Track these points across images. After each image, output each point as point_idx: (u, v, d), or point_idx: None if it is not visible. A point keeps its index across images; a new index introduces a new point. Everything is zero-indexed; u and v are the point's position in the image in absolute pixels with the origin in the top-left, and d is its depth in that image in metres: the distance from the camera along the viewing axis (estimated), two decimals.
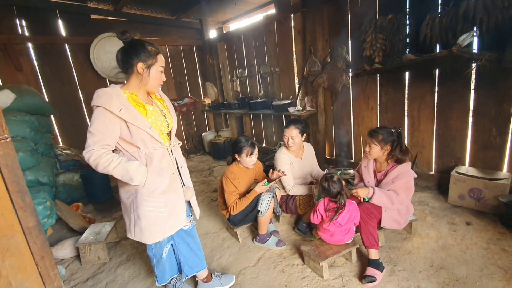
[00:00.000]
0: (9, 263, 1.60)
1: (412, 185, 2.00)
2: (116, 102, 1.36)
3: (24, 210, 1.61)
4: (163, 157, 1.53)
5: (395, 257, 2.05)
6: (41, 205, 2.46)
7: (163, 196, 1.53)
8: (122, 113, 1.36)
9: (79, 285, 2.11)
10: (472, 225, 2.34)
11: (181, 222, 1.64)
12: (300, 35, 3.75)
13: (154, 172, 1.49)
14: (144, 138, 1.44)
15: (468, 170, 2.67)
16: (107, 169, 1.39)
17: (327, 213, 1.98)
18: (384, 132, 1.98)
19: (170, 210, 1.56)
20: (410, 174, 1.99)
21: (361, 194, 1.99)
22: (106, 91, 1.39)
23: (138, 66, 1.41)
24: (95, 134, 1.36)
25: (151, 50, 1.43)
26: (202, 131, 5.79)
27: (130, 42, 1.44)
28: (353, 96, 3.50)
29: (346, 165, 3.64)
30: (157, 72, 1.47)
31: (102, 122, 1.36)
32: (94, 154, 1.37)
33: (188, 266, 1.80)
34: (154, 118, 1.50)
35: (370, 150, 2.03)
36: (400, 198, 1.96)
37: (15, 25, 3.81)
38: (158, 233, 1.55)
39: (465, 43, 2.30)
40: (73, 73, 4.32)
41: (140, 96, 1.49)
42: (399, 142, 1.97)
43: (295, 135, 2.39)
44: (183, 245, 1.77)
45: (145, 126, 1.42)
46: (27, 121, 2.92)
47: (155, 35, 5.05)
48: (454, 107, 2.77)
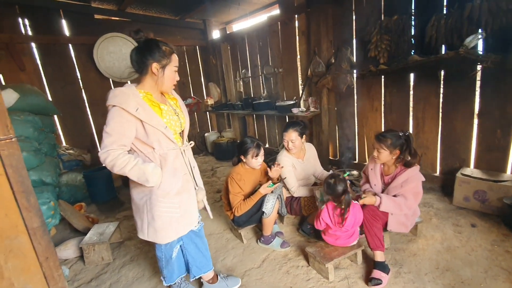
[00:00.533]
0: (12, 265, 1.59)
1: (421, 189, 1.98)
2: (132, 101, 1.35)
3: (29, 210, 1.60)
4: (176, 158, 1.52)
5: (400, 259, 2.04)
6: (45, 205, 2.46)
7: (177, 197, 1.53)
8: (139, 113, 1.35)
9: (83, 286, 2.10)
10: (477, 227, 2.33)
11: (194, 222, 1.65)
12: (304, 36, 3.75)
13: (168, 173, 1.48)
14: (160, 138, 1.44)
15: (473, 172, 2.66)
16: (123, 170, 1.38)
17: (332, 220, 1.96)
18: (392, 136, 1.95)
19: (183, 211, 1.56)
20: (419, 178, 1.97)
21: (368, 202, 1.97)
22: (123, 91, 1.37)
23: (153, 67, 1.41)
24: (111, 134, 1.35)
25: (165, 50, 1.42)
26: (205, 132, 5.79)
27: (145, 41, 1.43)
28: (358, 97, 3.50)
29: (349, 166, 3.63)
30: (172, 72, 1.47)
31: (118, 122, 1.35)
32: (111, 154, 1.36)
33: (196, 266, 1.80)
34: (169, 118, 1.50)
35: (379, 155, 1.99)
36: (408, 203, 1.94)
37: (17, 24, 3.80)
38: (172, 232, 1.56)
39: (471, 44, 2.30)
40: (76, 73, 4.32)
41: (155, 95, 1.48)
42: (408, 146, 1.94)
43: (294, 138, 2.38)
44: (191, 246, 1.77)
45: (161, 126, 1.42)
46: (31, 121, 2.92)
47: (159, 35, 5.00)
48: (459, 108, 2.76)
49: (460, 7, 2.39)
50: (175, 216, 1.54)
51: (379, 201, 1.94)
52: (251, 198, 2.21)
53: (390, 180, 2.06)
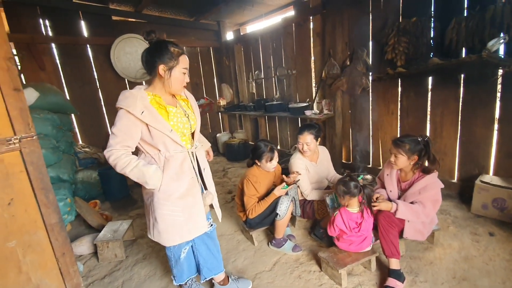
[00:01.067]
0: (30, 259, 1.63)
1: (440, 197, 1.91)
2: (139, 105, 1.37)
3: (47, 207, 1.64)
4: (184, 160, 1.51)
5: (416, 268, 1.98)
6: (61, 202, 2.52)
7: (180, 201, 1.52)
8: (144, 116, 1.37)
9: (97, 282, 2.14)
10: (495, 236, 2.25)
11: (201, 228, 1.61)
12: (319, 38, 3.71)
13: (171, 176, 1.48)
14: (165, 141, 1.44)
15: (492, 179, 2.57)
16: (124, 170, 1.41)
17: (347, 225, 1.92)
18: (410, 141, 1.88)
19: (188, 215, 1.55)
20: (438, 185, 1.90)
21: (383, 208, 1.91)
22: (132, 93, 1.39)
23: (160, 68, 1.40)
24: (117, 135, 1.39)
25: (173, 51, 1.41)
26: (217, 132, 5.82)
27: (155, 43, 1.44)
28: (373, 100, 3.43)
29: (363, 170, 3.57)
30: (179, 74, 1.45)
31: (125, 124, 1.38)
32: (114, 154, 1.40)
33: (207, 268, 1.79)
34: (176, 120, 1.49)
35: (396, 160, 1.93)
36: (427, 210, 1.88)
37: (38, 25, 3.93)
38: (175, 236, 1.55)
39: (494, 48, 2.23)
40: (93, 73, 4.43)
41: (164, 97, 1.48)
42: (427, 152, 1.88)
43: (310, 140, 2.36)
44: (203, 247, 1.76)
45: (166, 129, 1.42)
46: (50, 119, 3.00)
47: (174, 36, 5.11)
48: (479, 113, 2.66)
49: (482, 10, 2.32)
50: (178, 220, 1.52)
51: (395, 208, 1.89)
52: (265, 200, 2.20)
53: (407, 187, 2.00)
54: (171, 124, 1.45)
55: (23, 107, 1.52)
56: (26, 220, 1.59)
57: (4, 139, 1.46)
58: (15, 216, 1.54)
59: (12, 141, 1.48)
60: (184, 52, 1.46)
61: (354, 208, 1.92)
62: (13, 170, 1.51)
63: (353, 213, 1.92)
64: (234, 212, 3.01)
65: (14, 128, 1.49)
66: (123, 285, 2.08)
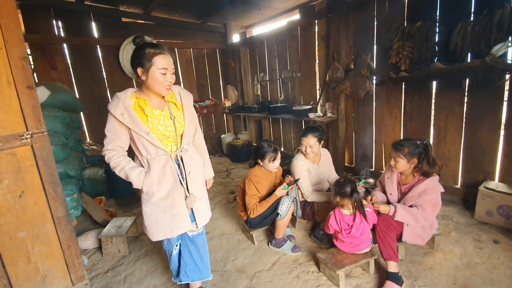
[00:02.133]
0: (38, 250, 1.70)
1: (440, 201, 1.92)
2: (120, 107, 1.43)
3: (55, 200, 1.71)
4: (166, 164, 1.52)
5: (415, 272, 1.98)
6: (68, 197, 2.60)
7: (161, 202, 1.54)
8: (124, 118, 1.43)
9: (100, 276, 2.20)
10: (500, 243, 2.22)
11: (184, 227, 1.61)
12: (324, 41, 3.74)
13: (152, 179, 1.51)
14: (145, 143, 1.47)
15: (497, 186, 2.54)
16: (115, 170, 1.52)
17: (339, 226, 1.96)
18: (409, 144, 1.90)
19: (170, 215, 1.56)
20: (438, 189, 1.90)
21: (382, 210, 1.93)
22: (117, 96, 1.46)
23: (138, 71, 1.43)
24: (107, 136, 1.50)
25: (148, 53, 1.39)
26: (221, 133, 5.87)
27: (135, 48, 1.46)
28: (376, 104, 3.44)
29: (364, 174, 3.56)
30: (157, 74, 1.41)
31: (111, 125, 1.47)
32: (108, 154, 1.51)
33: (185, 272, 1.76)
34: (157, 123, 1.48)
35: (396, 164, 1.94)
36: (426, 214, 1.88)
37: (52, 25, 4.05)
38: (159, 233, 1.59)
39: (499, 53, 2.22)
40: (102, 73, 4.53)
41: (151, 100, 1.50)
42: (427, 155, 1.89)
43: (313, 143, 2.38)
44: (185, 250, 1.75)
45: (143, 131, 1.44)
46: (60, 117, 3.09)
47: (181, 38, 5.20)
48: (485, 119, 2.65)
49: (489, 14, 2.30)
50: (161, 218, 1.56)
51: (393, 211, 1.90)
52: (266, 200, 2.23)
53: (407, 190, 2.00)
54: (149, 127, 1.46)
55: (36, 104, 1.60)
56: (35, 212, 1.66)
57: (17, 134, 1.54)
58: (25, 208, 1.61)
59: (24, 136, 1.55)
60: (161, 52, 1.41)
61: (348, 210, 1.95)
62: (25, 164, 1.58)
63: (346, 214, 1.95)
64: (236, 212, 3.04)
65: (27, 124, 1.57)
66: (126, 280, 2.13)
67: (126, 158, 1.53)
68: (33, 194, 1.63)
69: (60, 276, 1.79)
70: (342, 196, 1.92)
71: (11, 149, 1.53)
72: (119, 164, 1.50)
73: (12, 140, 1.52)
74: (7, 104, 1.50)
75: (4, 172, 1.53)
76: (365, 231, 1.93)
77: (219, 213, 3.10)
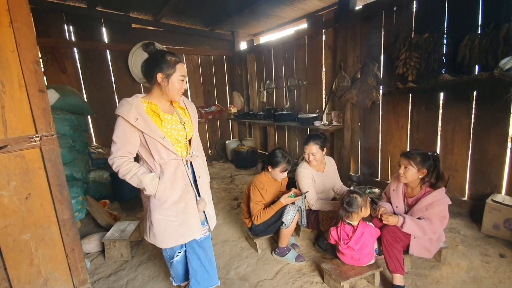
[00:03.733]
0: (41, 253, 1.70)
1: (447, 214, 1.89)
2: (134, 112, 1.43)
3: (61, 203, 1.72)
4: (178, 168, 1.54)
5: (421, 286, 1.94)
6: (74, 199, 2.61)
7: (174, 207, 1.55)
8: (138, 123, 1.43)
9: (102, 280, 2.19)
10: (506, 257, 2.18)
11: (194, 232, 1.62)
12: (331, 50, 3.76)
13: (165, 184, 1.51)
14: (159, 148, 1.48)
15: (504, 199, 2.50)
16: (125, 177, 1.48)
17: (339, 236, 1.95)
18: (421, 154, 1.89)
19: (181, 220, 1.57)
20: (445, 201, 1.88)
21: (391, 222, 1.90)
22: (128, 101, 1.46)
23: (158, 77, 1.46)
24: (116, 142, 1.46)
25: (170, 60, 1.46)
26: (226, 139, 5.88)
27: (153, 54, 1.51)
28: (383, 114, 3.43)
29: (370, 183, 3.54)
30: (177, 81, 1.49)
31: (122, 131, 1.45)
32: (116, 162, 1.48)
33: (195, 280, 1.72)
34: (170, 128, 1.52)
35: (406, 172, 1.92)
36: (434, 227, 1.85)
37: (63, 30, 4.14)
38: (170, 239, 1.58)
39: (507, 66, 2.21)
40: (111, 77, 4.60)
41: (161, 105, 1.53)
42: (436, 167, 1.88)
43: (315, 150, 2.38)
44: (193, 257, 1.70)
45: (159, 136, 1.46)
46: (68, 120, 3.13)
47: (189, 44, 5.27)
48: (492, 131, 2.62)
49: (496, 27, 2.32)
50: (172, 224, 1.56)
51: (402, 221, 1.88)
52: (271, 207, 2.22)
53: (414, 202, 1.98)
54: (164, 131, 1.49)
55: (46, 108, 1.62)
56: (41, 215, 1.67)
57: (27, 137, 1.56)
58: (31, 210, 1.62)
59: (33, 139, 1.57)
60: (181, 61, 1.51)
61: (353, 221, 1.93)
62: (33, 166, 1.60)
63: (347, 225, 1.93)
64: (240, 218, 3.03)
65: (36, 127, 1.59)
66: (128, 285, 2.12)
67: (136, 164, 1.53)
68: (40, 196, 1.65)
69: (62, 280, 1.78)
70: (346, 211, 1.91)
71: (19, 151, 1.55)
72: (130, 170, 1.48)
73: (21, 142, 1.54)
74: (17, 107, 1.53)
75: (12, 174, 1.54)
76: (365, 245, 1.89)
77: (223, 219, 3.09)
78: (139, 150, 1.54)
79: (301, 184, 2.42)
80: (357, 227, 1.89)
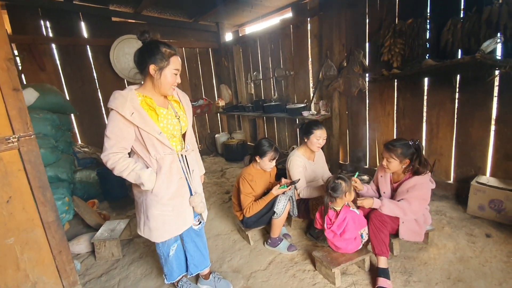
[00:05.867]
0: (27, 257, 1.66)
1: (428, 197, 1.94)
2: (129, 106, 1.37)
3: (44, 205, 1.67)
4: (173, 162, 1.53)
5: (410, 268, 1.99)
6: (59, 201, 2.54)
7: (171, 201, 1.55)
8: (134, 118, 1.38)
9: (93, 280, 2.16)
10: (492, 237, 2.25)
11: (188, 223, 1.66)
12: (317, 39, 3.74)
13: (162, 179, 1.50)
14: (155, 143, 1.45)
15: (489, 180, 2.58)
16: (122, 174, 1.44)
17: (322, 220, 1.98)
18: (402, 145, 1.91)
19: (177, 213, 1.58)
20: (427, 186, 1.93)
21: (366, 204, 1.93)
22: (122, 94, 1.40)
23: (151, 68, 1.40)
24: (110, 138, 1.40)
25: (164, 52, 1.40)
26: (215, 133, 5.84)
27: (147, 43, 1.43)
28: (369, 101, 3.45)
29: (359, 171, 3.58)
30: (170, 74, 1.43)
31: (116, 126, 1.39)
32: (112, 158, 1.42)
33: (193, 264, 1.85)
34: (166, 122, 1.49)
35: (389, 165, 1.95)
36: (413, 207, 1.90)
37: (39, 26, 3.96)
38: (165, 233, 1.59)
39: (488, 49, 2.24)
40: (93, 74, 4.46)
41: (155, 98, 1.48)
42: (418, 155, 1.91)
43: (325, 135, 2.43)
44: (191, 244, 1.81)
45: (155, 131, 1.42)
46: (49, 119, 3.02)
47: (173, 37, 5.14)
48: (476, 114, 2.68)
49: (478, 11, 2.33)
50: (168, 218, 1.56)
51: (379, 204, 1.91)
52: (263, 199, 2.22)
53: (397, 187, 2.03)
54: (160, 126, 1.45)
55: (22, 107, 1.55)
56: (23, 218, 1.61)
57: (3, 138, 1.49)
58: (13, 214, 1.56)
59: (11, 140, 1.50)
60: (176, 53, 1.44)
61: (337, 206, 1.95)
62: (12, 169, 1.54)
63: (331, 210, 1.96)
64: (231, 212, 3.03)
65: (13, 127, 1.52)
66: (120, 284, 2.10)
67: (132, 159, 1.48)
68: (21, 199, 1.59)
69: (51, 283, 1.75)
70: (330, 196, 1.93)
71: None
72: (127, 166, 1.43)
73: None
74: None
75: None
76: (348, 230, 1.89)
77: (215, 213, 3.08)
78: (133, 145, 1.49)
79: (293, 172, 2.43)
80: (339, 212, 1.91)
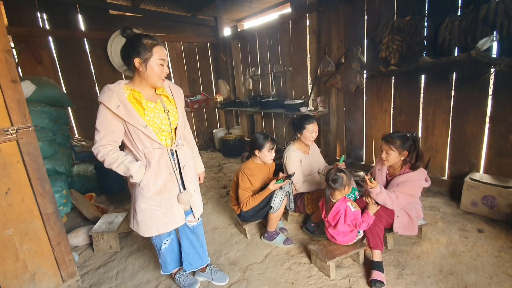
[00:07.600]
0: (27, 248, 1.68)
1: (416, 193, 1.98)
2: (115, 99, 1.38)
3: (43, 197, 1.69)
4: (161, 157, 1.52)
5: (403, 261, 2.04)
6: (57, 194, 2.55)
7: (157, 196, 1.54)
8: (119, 111, 1.39)
9: (91, 272, 2.18)
10: (484, 232, 2.30)
11: (178, 221, 1.64)
12: (315, 35, 3.74)
13: (150, 173, 1.50)
14: (141, 137, 1.46)
15: (482, 177, 2.62)
16: (112, 166, 1.45)
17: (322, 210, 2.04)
18: (400, 137, 1.95)
19: (165, 209, 1.58)
20: (417, 184, 1.96)
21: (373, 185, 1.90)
22: (110, 88, 1.41)
23: (135, 62, 1.40)
24: (100, 130, 1.42)
25: (146, 43, 1.39)
26: (213, 128, 5.84)
27: (129, 38, 1.43)
28: (367, 98, 3.48)
29: (356, 167, 3.62)
30: (156, 65, 1.42)
31: (104, 118, 1.41)
32: (102, 151, 1.43)
33: (187, 262, 1.84)
34: (153, 116, 1.48)
35: (388, 157, 1.98)
36: (399, 201, 1.95)
37: (36, 18, 3.91)
38: (152, 228, 1.59)
39: (484, 47, 2.27)
40: (90, 67, 4.43)
41: (144, 93, 1.48)
42: (416, 147, 1.94)
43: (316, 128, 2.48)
44: (185, 241, 1.81)
45: (140, 124, 1.42)
46: (47, 112, 3.01)
47: (171, 31, 5.11)
48: (471, 112, 2.71)
49: (476, 8, 2.34)
50: (156, 213, 1.56)
51: (378, 190, 1.92)
52: (260, 193, 2.24)
53: (391, 180, 2.08)
54: (146, 120, 1.45)
55: (21, 99, 1.56)
56: (22, 209, 1.63)
57: (2, 130, 1.50)
58: (12, 205, 1.58)
59: (9, 132, 1.51)
60: (158, 43, 1.43)
61: (335, 198, 1.98)
62: (11, 160, 1.55)
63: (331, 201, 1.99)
64: (228, 206, 3.06)
65: (11, 119, 1.53)
66: (118, 275, 2.13)
67: (122, 152, 1.50)
68: (20, 191, 1.60)
69: (50, 273, 1.77)
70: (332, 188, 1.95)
71: None
72: (117, 159, 1.44)
73: None
74: None
75: None
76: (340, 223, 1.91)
77: (212, 207, 3.11)
78: (124, 139, 1.50)
79: (289, 167, 2.46)
80: (335, 204, 1.94)
